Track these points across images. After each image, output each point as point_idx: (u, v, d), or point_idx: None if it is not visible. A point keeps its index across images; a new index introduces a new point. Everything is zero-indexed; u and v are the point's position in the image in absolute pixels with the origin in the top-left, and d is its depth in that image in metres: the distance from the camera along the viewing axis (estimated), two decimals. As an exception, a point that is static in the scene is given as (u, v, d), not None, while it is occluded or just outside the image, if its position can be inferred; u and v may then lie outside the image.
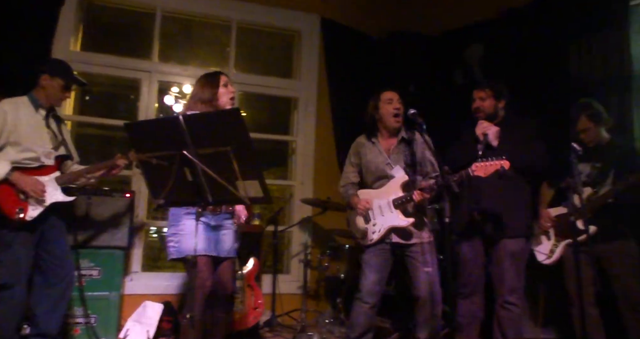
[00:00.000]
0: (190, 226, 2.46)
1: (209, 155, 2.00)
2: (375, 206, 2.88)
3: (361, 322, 2.85)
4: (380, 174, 2.92)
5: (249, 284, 3.53)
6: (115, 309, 3.52)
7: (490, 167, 2.53)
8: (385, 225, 2.83)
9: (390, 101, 2.93)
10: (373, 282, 2.84)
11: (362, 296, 2.86)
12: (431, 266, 2.78)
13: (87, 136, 5.49)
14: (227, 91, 2.71)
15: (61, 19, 3.92)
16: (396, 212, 2.81)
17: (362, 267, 2.92)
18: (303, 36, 4.85)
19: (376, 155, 2.96)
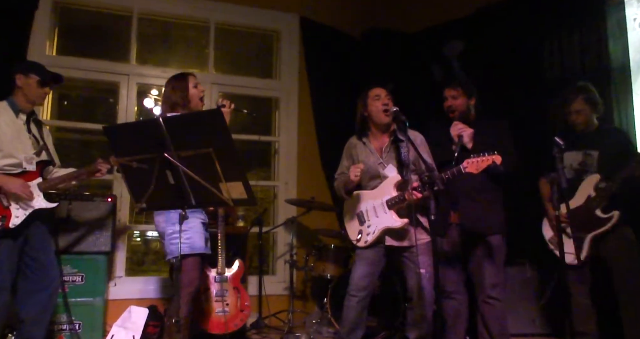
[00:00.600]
0: (198, 225, 2.63)
1: (190, 157, 1.99)
2: (369, 207, 2.86)
3: (350, 317, 2.83)
4: (373, 174, 2.88)
5: (234, 287, 3.51)
6: (100, 315, 3.48)
7: (482, 162, 2.51)
8: (380, 226, 2.81)
9: (378, 97, 2.90)
10: (361, 275, 2.82)
11: (351, 289, 2.85)
12: (426, 267, 2.74)
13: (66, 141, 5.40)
14: (197, 92, 2.78)
15: (35, 23, 3.86)
16: (390, 213, 2.78)
17: (355, 260, 2.92)
18: (282, 36, 4.84)
19: (368, 155, 2.92)
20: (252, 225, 4.14)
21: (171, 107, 2.76)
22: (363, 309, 2.86)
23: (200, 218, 2.69)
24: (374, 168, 2.89)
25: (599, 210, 2.88)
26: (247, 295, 3.58)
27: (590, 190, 2.90)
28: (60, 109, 4.63)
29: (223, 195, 2.00)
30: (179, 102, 2.73)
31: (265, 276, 4.30)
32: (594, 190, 2.89)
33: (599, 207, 2.88)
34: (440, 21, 4.73)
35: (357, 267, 2.87)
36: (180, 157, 1.99)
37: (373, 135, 2.97)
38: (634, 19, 3.72)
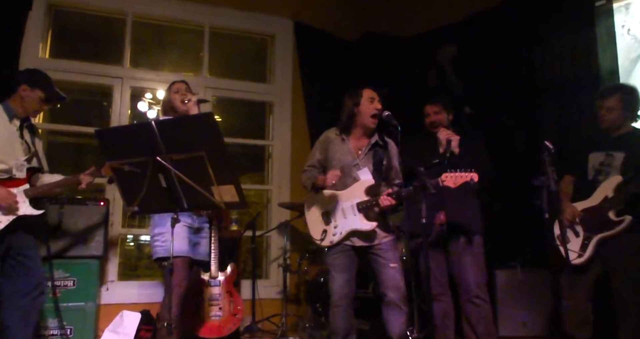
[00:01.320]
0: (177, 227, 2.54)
1: (183, 160, 2.00)
2: (337, 207, 2.86)
3: (340, 326, 2.82)
4: (346, 173, 2.86)
5: (227, 291, 3.51)
6: (92, 320, 3.46)
7: (460, 178, 2.56)
8: (347, 228, 2.81)
9: (372, 100, 2.91)
10: (342, 284, 2.81)
11: (335, 299, 2.83)
12: (396, 261, 2.80)
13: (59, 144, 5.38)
14: (178, 96, 2.92)
15: (29, 25, 3.85)
16: (359, 216, 2.80)
17: (329, 270, 2.90)
18: (277, 40, 4.86)
19: (345, 153, 2.91)
20: (245, 229, 4.13)
21: (164, 112, 3.01)
22: (350, 316, 2.86)
23: (184, 222, 2.69)
24: (348, 167, 2.88)
25: (612, 212, 2.82)
26: (240, 299, 3.57)
27: (609, 191, 2.85)
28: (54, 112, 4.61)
29: (215, 198, 2.01)
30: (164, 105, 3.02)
31: (259, 280, 4.29)
32: (612, 191, 2.84)
33: (613, 210, 2.82)
34: (434, 26, 4.77)
35: (335, 276, 2.84)
36: (173, 161, 2.00)
37: (354, 134, 2.96)
38: (622, 25, 3.78)
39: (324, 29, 4.92)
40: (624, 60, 3.72)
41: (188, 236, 2.67)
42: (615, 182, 2.84)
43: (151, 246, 2.71)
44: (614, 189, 2.83)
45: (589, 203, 2.94)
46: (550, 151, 2.66)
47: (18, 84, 2.82)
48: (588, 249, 2.88)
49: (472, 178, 2.55)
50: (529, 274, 3.73)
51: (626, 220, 2.77)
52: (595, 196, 2.91)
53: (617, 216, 2.81)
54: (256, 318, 3.98)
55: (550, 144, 2.67)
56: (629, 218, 2.77)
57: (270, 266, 4.61)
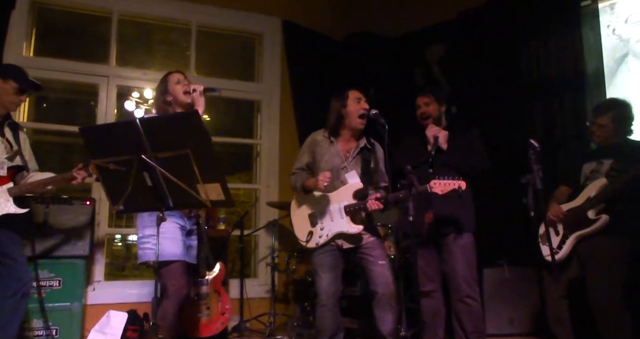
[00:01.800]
0: (172, 230, 2.52)
1: (168, 159, 1.99)
2: (324, 210, 2.86)
3: (327, 325, 2.82)
4: (334, 176, 2.86)
5: (215, 290, 3.49)
6: (78, 320, 3.42)
7: (447, 186, 2.58)
8: (333, 230, 2.82)
9: (359, 100, 2.90)
10: (329, 283, 2.82)
11: (321, 299, 2.83)
12: (384, 258, 2.82)
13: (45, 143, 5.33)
14: (180, 87, 2.73)
15: (12, 23, 3.80)
16: (346, 219, 2.81)
17: (315, 270, 2.90)
18: (264, 39, 4.85)
19: (333, 156, 2.91)
20: (233, 228, 4.13)
21: (158, 108, 2.77)
22: (337, 315, 2.86)
23: (176, 223, 2.60)
24: (336, 170, 2.88)
25: (591, 211, 2.88)
26: (229, 298, 3.56)
27: (592, 192, 2.91)
28: (39, 111, 4.56)
29: (201, 196, 2.00)
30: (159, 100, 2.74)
31: (247, 279, 4.29)
32: (595, 191, 2.89)
33: (593, 209, 2.88)
34: (421, 25, 4.79)
35: (321, 276, 2.84)
36: (158, 159, 1.98)
37: (342, 137, 2.96)
38: (607, 26, 3.82)
39: (312, 28, 4.92)
40: (609, 60, 3.77)
41: (182, 238, 2.58)
42: (599, 184, 2.90)
43: (139, 248, 2.59)
44: (597, 190, 2.89)
45: (573, 204, 3.00)
46: (536, 148, 2.68)
47: None
48: (565, 247, 2.94)
49: (459, 186, 2.57)
50: (515, 272, 3.75)
51: (602, 218, 2.83)
52: (580, 197, 2.98)
53: (596, 215, 2.86)
54: (244, 317, 3.98)
55: (536, 142, 2.70)
56: (605, 217, 2.82)
57: (259, 265, 4.61)
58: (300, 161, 3.06)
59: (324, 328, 2.83)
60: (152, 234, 2.46)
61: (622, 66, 3.75)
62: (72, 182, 2.85)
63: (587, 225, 2.88)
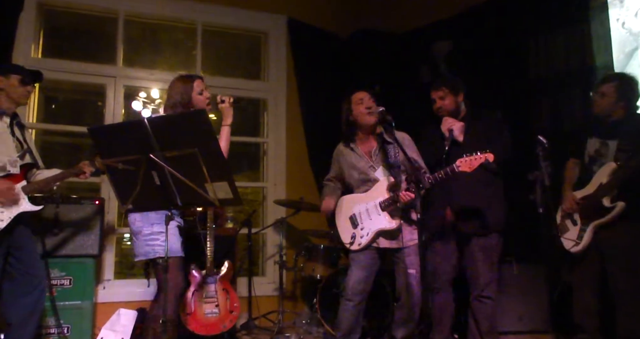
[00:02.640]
0: (174, 227, 2.56)
1: (176, 158, 2.00)
2: (362, 209, 2.87)
3: (346, 320, 2.85)
4: (365, 178, 2.89)
5: (224, 288, 3.51)
6: (89, 318, 3.46)
7: (474, 161, 2.52)
8: (373, 228, 2.82)
9: (361, 101, 2.90)
10: (357, 280, 2.84)
11: (346, 293, 2.87)
12: (415, 267, 2.78)
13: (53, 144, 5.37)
14: (203, 98, 2.72)
15: (20, 25, 3.83)
16: (384, 215, 2.80)
17: (350, 265, 2.93)
18: (270, 37, 4.85)
19: (357, 160, 2.93)
20: (241, 226, 4.14)
21: (172, 106, 2.69)
22: (359, 313, 2.88)
23: (176, 221, 2.63)
24: (364, 172, 2.90)
25: (606, 199, 2.83)
26: (237, 296, 3.58)
27: (604, 178, 2.85)
28: (48, 111, 4.60)
29: (209, 195, 2.01)
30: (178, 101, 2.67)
31: (255, 277, 4.30)
32: (606, 177, 2.84)
33: (607, 196, 2.82)
34: (427, 21, 4.76)
35: (353, 272, 2.88)
36: (166, 158, 2.00)
37: (360, 139, 2.97)
38: (617, 19, 3.78)
39: (317, 26, 4.92)
40: (619, 54, 3.72)
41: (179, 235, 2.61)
42: (609, 169, 2.85)
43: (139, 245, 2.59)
44: (608, 175, 2.84)
45: (585, 191, 2.94)
46: (544, 145, 2.66)
47: None
48: (585, 238, 2.89)
49: (486, 159, 2.50)
50: (524, 269, 3.74)
51: (618, 206, 2.78)
52: (591, 184, 2.92)
53: (612, 202, 2.81)
54: (253, 315, 3.99)
55: (544, 139, 2.68)
56: (622, 204, 2.77)
57: (267, 263, 4.62)
58: (331, 171, 3.13)
59: (342, 322, 2.87)
60: (160, 230, 2.48)
61: (632, 61, 3.70)
62: (81, 176, 2.88)
63: (604, 213, 2.82)
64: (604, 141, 2.93)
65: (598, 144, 2.95)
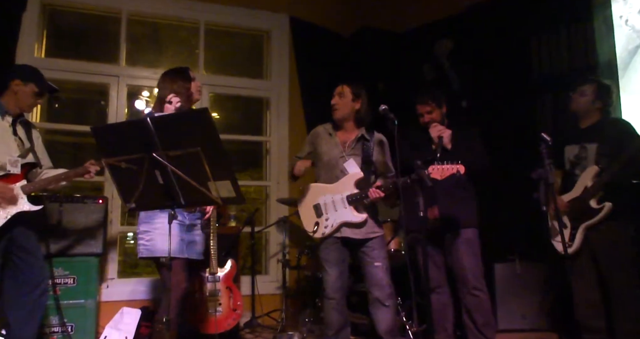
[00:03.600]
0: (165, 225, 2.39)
1: (179, 157, 2.00)
2: (328, 200, 2.89)
3: (333, 319, 2.86)
4: (333, 166, 2.92)
5: (227, 286, 3.52)
6: (92, 317, 3.47)
7: (446, 170, 2.58)
8: (338, 220, 2.84)
9: (334, 96, 3.00)
10: (334, 278, 2.86)
11: (327, 293, 2.88)
12: (381, 260, 2.83)
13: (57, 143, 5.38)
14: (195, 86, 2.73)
15: (24, 25, 3.84)
16: (350, 209, 2.83)
17: (322, 265, 2.93)
18: (272, 36, 4.85)
19: (331, 147, 2.96)
20: (244, 225, 4.14)
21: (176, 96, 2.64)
22: (343, 309, 2.90)
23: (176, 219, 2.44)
24: (335, 160, 2.92)
25: (593, 201, 2.92)
26: (240, 295, 3.59)
27: (588, 181, 2.94)
28: (51, 111, 4.61)
29: (212, 194, 2.01)
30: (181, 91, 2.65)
31: (258, 275, 4.31)
32: (590, 180, 2.92)
33: (594, 198, 2.91)
34: (429, 20, 4.76)
35: (327, 270, 2.89)
36: (169, 157, 2.00)
37: (344, 128, 3.00)
38: (620, 16, 3.76)
39: (319, 25, 4.91)
40: (622, 52, 3.71)
41: (181, 234, 2.53)
42: (592, 172, 2.94)
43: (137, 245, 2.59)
44: (592, 178, 2.92)
45: (572, 195, 3.03)
46: (548, 143, 2.67)
47: (10, 80, 2.81)
48: (576, 239, 2.97)
49: (457, 170, 2.57)
50: (527, 267, 3.74)
51: (606, 206, 2.87)
52: (577, 188, 3.01)
53: (599, 203, 2.90)
54: (256, 313, 4.01)
55: (547, 136, 2.68)
56: (609, 205, 2.86)
57: (270, 261, 4.63)
58: (302, 150, 3.15)
59: (331, 322, 2.87)
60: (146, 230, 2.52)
61: (635, 58, 3.69)
62: (85, 176, 2.88)
63: (593, 215, 2.91)
64: (582, 145, 3.03)
65: (577, 149, 3.06)
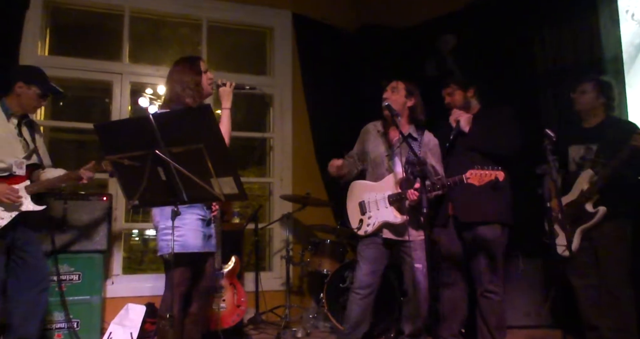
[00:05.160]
0: (194, 221, 2.47)
1: (181, 153, 2.00)
2: (371, 198, 2.89)
3: (353, 312, 2.87)
4: (379, 164, 2.91)
5: (231, 283, 3.53)
6: (98, 313, 3.49)
7: (485, 176, 2.51)
8: (379, 219, 2.84)
9: (387, 89, 2.95)
10: (365, 273, 2.87)
11: (355, 287, 2.90)
12: (421, 262, 2.78)
13: (61, 141, 5.41)
14: (206, 78, 2.65)
15: (27, 23, 3.85)
16: (391, 209, 2.82)
17: (357, 260, 2.96)
18: (275, 32, 4.84)
19: (378, 145, 2.95)
20: (248, 221, 4.15)
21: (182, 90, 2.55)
22: (367, 306, 2.89)
23: (197, 214, 2.50)
24: (380, 158, 2.92)
25: (589, 204, 2.91)
26: (244, 291, 3.60)
27: (584, 185, 2.94)
28: (55, 109, 4.63)
29: (214, 190, 2.01)
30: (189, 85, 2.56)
31: (262, 272, 4.32)
32: (586, 184, 2.93)
33: (590, 202, 2.91)
34: (432, 16, 4.73)
35: (360, 265, 2.91)
36: (171, 154, 2.00)
37: (392, 126, 2.92)
38: (626, 10, 3.72)
39: (322, 21, 4.90)
40: (628, 46, 3.67)
41: (203, 229, 2.50)
42: (587, 176, 2.94)
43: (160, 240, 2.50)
44: (587, 182, 2.92)
45: (569, 197, 3.01)
46: (552, 138, 2.65)
47: (14, 82, 2.82)
48: (574, 242, 2.96)
49: (497, 176, 2.50)
50: (531, 264, 3.72)
51: (600, 211, 2.87)
52: (574, 190, 3.00)
53: (594, 207, 2.90)
54: (260, 309, 4.01)
55: (552, 132, 2.66)
56: (603, 209, 2.87)
57: (273, 258, 4.64)
58: (354, 148, 3.13)
59: (350, 315, 2.89)
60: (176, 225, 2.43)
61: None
62: (79, 181, 2.92)
63: (588, 218, 2.91)
64: (587, 146, 3.01)
65: (582, 150, 3.03)
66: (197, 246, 2.44)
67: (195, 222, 2.47)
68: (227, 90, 2.66)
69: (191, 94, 2.53)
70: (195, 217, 2.49)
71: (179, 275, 2.38)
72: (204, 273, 2.57)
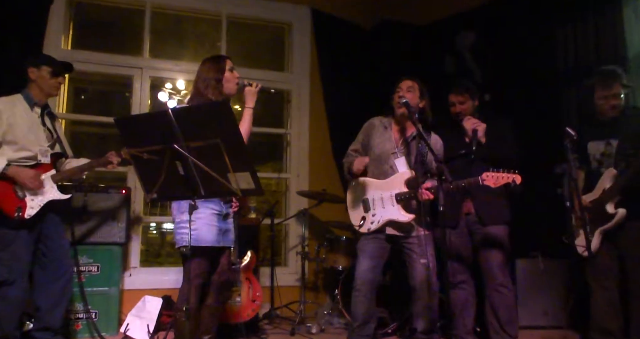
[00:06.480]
0: (209, 215, 2.50)
1: (199, 148, 2.02)
2: (377, 196, 2.88)
3: (359, 311, 2.86)
4: (384, 160, 2.90)
5: (246, 277, 3.56)
6: (115, 304, 3.56)
7: (501, 179, 2.53)
8: (385, 217, 2.83)
9: (400, 89, 2.92)
10: (366, 269, 2.85)
11: (356, 284, 2.88)
12: (428, 257, 2.78)
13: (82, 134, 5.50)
14: (232, 76, 2.65)
15: (51, 17, 3.92)
16: (397, 207, 2.81)
17: (358, 255, 2.94)
18: (294, 28, 4.84)
19: (385, 140, 2.94)
20: (264, 217, 4.17)
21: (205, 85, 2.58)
22: (371, 302, 2.88)
23: (212, 209, 2.53)
24: (386, 155, 2.89)
25: (610, 205, 2.84)
26: (259, 286, 3.62)
27: (607, 183, 2.86)
28: (77, 102, 4.71)
29: (231, 185, 2.03)
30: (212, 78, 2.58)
31: (277, 267, 4.33)
32: (609, 183, 2.85)
33: (611, 202, 2.83)
34: (451, 12, 4.68)
35: (361, 261, 2.90)
36: (190, 148, 2.02)
37: (401, 124, 2.95)
38: (651, 6, 3.64)
39: (341, 17, 4.88)
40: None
41: (219, 224, 2.53)
42: (609, 175, 2.86)
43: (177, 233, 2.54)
44: (610, 181, 2.84)
45: (592, 196, 2.94)
46: (572, 137, 2.62)
47: (26, 71, 2.88)
48: (593, 243, 2.87)
49: (513, 179, 2.51)
50: (550, 264, 3.68)
51: (619, 213, 2.80)
52: (597, 189, 2.92)
53: (615, 208, 2.82)
54: (275, 304, 4.04)
55: (572, 131, 2.62)
56: (622, 211, 2.79)
57: (289, 253, 4.66)
58: (355, 143, 3.10)
59: (356, 313, 2.88)
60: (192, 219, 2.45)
61: (668, 48, 3.57)
62: (108, 166, 2.95)
63: (608, 219, 2.83)
64: (607, 141, 2.92)
65: (602, 146, 2.94)
66: (210, 240, 2.48)
67: (209, 217, 2.50)
68: (253, 90, 2.68)
69: (212, 92, 2.56)
70: (210, 212, 2.52)
71: (195, 268, 2.40)
72: (220, 266, 2.60)
